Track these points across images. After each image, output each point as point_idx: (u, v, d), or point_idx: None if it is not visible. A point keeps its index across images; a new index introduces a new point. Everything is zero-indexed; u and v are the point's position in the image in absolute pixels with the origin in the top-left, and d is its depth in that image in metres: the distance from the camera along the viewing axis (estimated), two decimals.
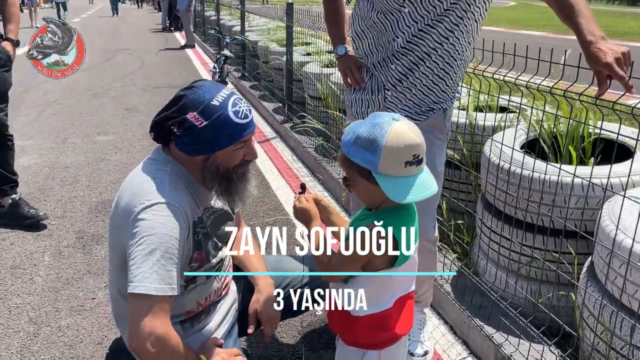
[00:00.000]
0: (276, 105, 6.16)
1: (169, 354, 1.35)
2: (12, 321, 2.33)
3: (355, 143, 1.26)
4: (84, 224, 3.27)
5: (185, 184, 1.49)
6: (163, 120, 1.45)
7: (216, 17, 11.26)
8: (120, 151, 4.76)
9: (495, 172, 2.19)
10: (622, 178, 1.92)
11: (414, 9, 1.76)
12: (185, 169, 1.50)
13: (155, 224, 1.36)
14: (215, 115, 1.41)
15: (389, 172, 1.24)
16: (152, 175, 1.45)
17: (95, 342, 2.20)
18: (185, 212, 1.43)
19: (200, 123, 1.40)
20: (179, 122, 1.42)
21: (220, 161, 1.46)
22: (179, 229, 1.39)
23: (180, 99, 1.44)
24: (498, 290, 2.26)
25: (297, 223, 3.38)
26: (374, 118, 1.27)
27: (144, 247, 1.34)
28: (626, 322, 1.59)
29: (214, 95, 1.43)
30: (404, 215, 1.32)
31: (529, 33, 17.07)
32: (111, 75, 8.76)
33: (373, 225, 1.29)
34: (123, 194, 1.46)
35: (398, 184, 1.24)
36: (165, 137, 1.49)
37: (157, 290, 1.33)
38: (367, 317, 1.37)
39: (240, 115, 1.44)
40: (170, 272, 1.36)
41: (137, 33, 16.03)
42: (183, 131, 1.42)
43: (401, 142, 1.22)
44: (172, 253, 1.37)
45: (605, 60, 1.36)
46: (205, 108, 1.41)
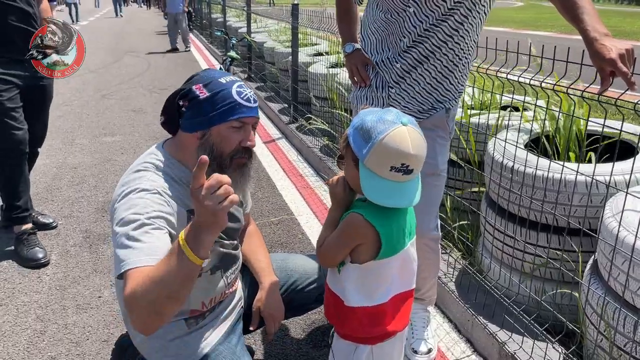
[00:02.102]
0: (282, 106, 6.18)
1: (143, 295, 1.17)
2: (20, 319, 2.36)
3: (357, 128, 1.28)
4: (91, 223, 3.30)
5: (175, 178, 1.46)
6: (175, 94, 1.50)
7: (223, 19, 11.30)
8: (127, 152, 4.80)
9: (498, 170, 2.19)
10: (625, 175, 1.92)
11: (418, 9, 1.77)
12: (179, 159, 1.49)
13: (130, 205, 1.32)
14: (219, 89, 1.45)
15: (373, 169, 1.25)
16: (139, 168, 1.46)
17: (102, 340, 2.22)
18: (172, 197, 1.40)
19: (202, 94, 1.44)
20: (185, 93, 1.47)
21: (215, 140, 1.44)
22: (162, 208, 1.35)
23: (192, 77, 1.52)
24: (502, 288, 2.26)
25: (300, 221, 3.40)
26: (386, 113, 1.28)
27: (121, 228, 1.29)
28: (629, 319, 1.59)
29: (223, 76, 1.49)
30: (389, 209, 1.32)
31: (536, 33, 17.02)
32: (119, 76, 8.82)
33: (354, 212, 1.33)
34: (117, 187, 1.47)
35: (374, 183, 1.26)
36: (173, 120, 1.50)
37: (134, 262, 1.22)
38: (360, 310, 1.38)
39: (243, 96, 1.46)
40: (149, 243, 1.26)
41: (144, 35, 16.13)
42: (188, 103, 1.46)
43: (394, 146, 1.22)
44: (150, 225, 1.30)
45: (609, 56, 1.36)
46: (211, 83, 1.46)
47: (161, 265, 1.18)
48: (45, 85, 2.89)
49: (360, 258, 1.35)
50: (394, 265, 1.38)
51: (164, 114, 1.54)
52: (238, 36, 8.55)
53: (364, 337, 1.41)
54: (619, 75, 1.36)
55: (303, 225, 3.38)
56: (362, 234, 1.32)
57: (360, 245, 1.33)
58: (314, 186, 4.08)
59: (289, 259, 1.97)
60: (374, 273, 1.36)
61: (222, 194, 1.14)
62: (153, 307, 1.17)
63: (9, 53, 2.65)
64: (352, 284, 1.38)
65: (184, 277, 1.17)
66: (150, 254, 1.24)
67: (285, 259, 1.96)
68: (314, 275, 1.93)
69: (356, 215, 1.32)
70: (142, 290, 1.16)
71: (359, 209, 1.34)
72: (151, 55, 11.42)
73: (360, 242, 1.33)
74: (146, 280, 1.17)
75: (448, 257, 2.60)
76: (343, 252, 1.36)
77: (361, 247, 1.33)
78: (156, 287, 1.16)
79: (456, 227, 2.72)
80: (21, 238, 2.88)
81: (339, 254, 1.36)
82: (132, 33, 16.85)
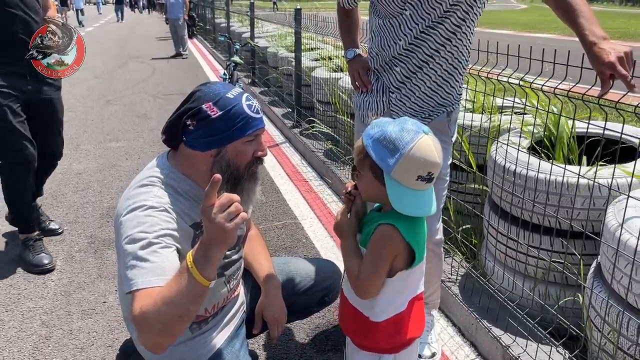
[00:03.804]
0: (285, 111, 6.20)
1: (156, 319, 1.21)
2: (25, 324, 2.37)
3: (379, 139, 1.26)
4: (96, 229, 3.32)
5: (181, 192, 1.47)
6: (181, 114, 1.45)
7: (226, 24, 11.36)
8: (132, 157, 4.82)
9: (501, 174, 2.19)
10: (627, 178, 1.91)
11: (414, 12, 1.78)
12: (186, 174, 1.49)
13: (138, 222, 1.34)
14: (230, 106, 1.42)
15: (399, 179, 1.25)
16: (145, 182, 1.45)
17: (106, 345, 2.23)
18: (178, 214, 1.41)
19: (214, 113, 1.42)
20: (194, 112, 1.43)
21: (230, 156, 1.46)
22: (169, 225, 1.36)
23: (195, 93, 1.47)
24: (505, 291, 2.25)
25: (304, 225, 3.41)
26: (406, 123, 1.27)
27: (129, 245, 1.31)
28: (633, 322, 1.58)
29: (228, 90, 1.46)
30: (413, 217, 1.32)
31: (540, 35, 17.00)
32: (123, 82, 8.87)
33: (382, 224, 1.31)
34: (120, 200, 1.47)
35: (403, 194, 1.26)
36: (176, 138, 1.48)
37: (143, 283, 1.26)
38: (385, 322, 1.38)
39: (253, 109, 1.46)
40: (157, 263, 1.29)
41: (148, 40, 16.22)
42: (197, 122, 1.42)
43: (422, 156, 1.23)
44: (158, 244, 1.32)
45: (608, 60, 1.37)
46: (221, 99, 1.43)
47: (171, 286, 1.21)
48: (52, 99, 2.83)
49: (393, 270, 1.34)
50: (417, 271, 1.39)
51: (166, 133, 1.52)
52: (242, 41, 8.59)
53: (389, 347, 1.41)
54: (618, 78, 1.37)
55: (307, 229, 3.38)
56: (397, 244, 1.30)
57: (395, 257, 1.32)
58: (317, 190, 4.09)
59: (290, 262, 1.98)
60: (403, 283, 1.37)
61: (234, 211, 1.17)
62: (165, 327, 1.20)
63: (13, 66, 2.59)
64: (383, 298, 1.36)
65: (194, 297, 1.20)
66: (158, 274, 1.26)
67: (286, 263, 1.97)
68: (316, 278, 1.93)
69: (387, 227, 1.30)
70: (154, 311, 1.19)
71: (385, 219, 1.32)
72: (155, 61, 11.47)
73: (397, 253, 1.32)
74: (157, 301, 1.20)
75: (451, 261, 2.60)
76: (385, 268, 1.32)
77: (396, 259, 1.32)
78: (168, 309, 1.19)
79: (459, 231, 2.71)
80: (27, 244, 2.87)
81: (383, 271, 1.32)
82: (136, 39, 16.93)
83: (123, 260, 1.31)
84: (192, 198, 1.49)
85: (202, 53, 13.11)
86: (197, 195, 1.50)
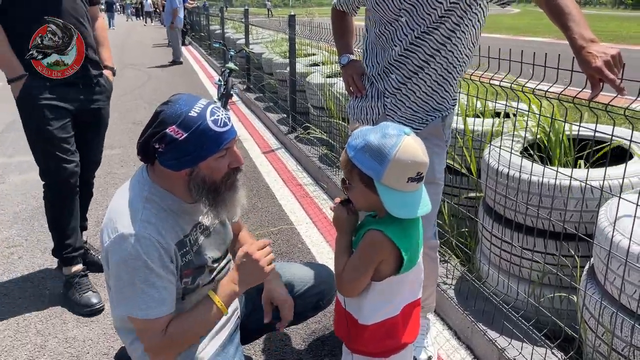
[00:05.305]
0: (280, 116, 6.21)
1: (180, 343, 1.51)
2: (20, 333, 2.36)
3: (363, 149, 1.27)
4: (91, 237, 3.31)
5: (164, 207, 1.48)
6: (148, 138, 1.44)
7: (221, 30, 11.38)
8: (127, 164, 4.82)
9: (494, 177, 2.20)
10: (619, 180, 1.93)
11: (410, 18, 1.80)
12: (166, 188, 1.49)
13: (126, 257, 1.40)
14: (195, 126, 1.39)
15: (391, 184, 1.25)
16: (128, 202, 1.46)
17: (102, 353, 2.23)
18: (158, 241, 1.42)
19: (180, 136, 1.39)
20: (159, 137, 1.41)
21: (205, 172, 1.45)
22: (151, 256, 1.41)
23: (158, 114, 1.44)
24: (500, 294, 2.26)
25: (300, 230, 3.41)
26: (386, 128, 1.28)
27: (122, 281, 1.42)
28: (626, 323, 1.59)
29: (191, 107, 1.42)
30: (405, 222, 1.33)
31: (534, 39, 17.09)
32: (120, 89, 8.86)
33: (372, 229, 1.32)
34: (106, 217, 1.49)
35: (396, 198, 1.26)
36: (150, 156, 1.47)
37: (144, 315, 1.43)
38: (374, 325, 1.38)
39: (220, 124, 1.43)
40: (153, 296, 1.42)
41: (144, 48, 16.22)
42: (165, 146, 1.41)
43: (409, 158, 1.24)
44: (149, 279, 1.41)
45: (595, 65, 1.38)
46: (184, 120, 1.40)
47: (197, 316, 1.52)
48: (101, 109, 2.71)
49: (381, 275, 1.34)
50: (410, 277, 1.39)
51: (141, 154, 1.51)
52: (236, 48, 8.61)
53: (379, 352, 1.41)
54: (606, 82, 1.38)
55: (302, 234, 3.38)
56: (384, 251, 1.31)
57: (381, 263, 1.33)
58: (313, 195, 4.10)
59: (284, 267, 1.98)
60: (392, 288, 1.37)
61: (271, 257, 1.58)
62: (185, 347, 1.54)
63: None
64: (369, 301, 1.37)
65: (214, 322, 1.58)
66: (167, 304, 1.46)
67: (280, 267, 1.97)
68: (310, 282, 1.94)
69: (376, 233, 1.31)
70: (180, 337, 1.49)
71: (376, 225, 1.33)
72: (151, 68, 11.47)
73: (383, 258, 1.32)
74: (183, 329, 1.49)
75: (447, 265, 2.60)
76: (369, 272, 1.33)
77: (382, 264, 1.33)
78: (193, 335, 1.53)
79: (454, 235, 2.72)
80: (72, 281, 2.64)
81: (365, 275, 1.33)
82: (132, 46, 16.94)
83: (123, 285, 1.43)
84: (175, 212, 1.51)
85: (197, 59, 13.13)
86: (180, 208, 1.52)
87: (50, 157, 2.49)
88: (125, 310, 1.44)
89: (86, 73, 2.56)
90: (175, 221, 1.50)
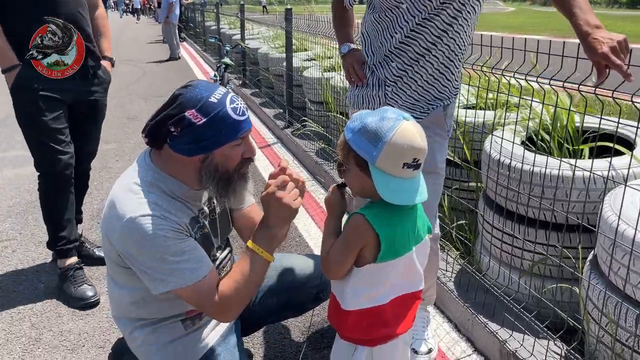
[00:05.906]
0: (277, 111, 6.18)
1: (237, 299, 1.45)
2: (15, 327, 2.33)
3: (359, 131, 1.25)
4: (86, 230, 3.27)
5: (168, 192, 1.46)
6: (163, 120, 1.41)
7: (216, 26, 11.34)
8: (122, 159, 4.78)
9: (495, 168, 2.18)
10: (623, 170, 1.91)
11: (411, 4, 1.77)
12: (172, 174, 1.47)
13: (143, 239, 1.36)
14: (214, 112, 1.37)
15: (385, 168, 1.23)
16: (131, 188, 1.43)
17: (97, 346, 2.20)
18: (169, 218, 1.40)
19: (199, 120, 1.37)
20: (177, 120, 1.38)
21: (218, 160, 1.43)
22: (166, 231, 1.38)
23: (177, 97, 1.41)
24: (501, 286, 2.24)
25: (297, 225, 3.38)
26: (385, 112, 1.26)
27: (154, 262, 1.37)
28: (631, 313, 1.58)
29: (211, 93, 1.40)
30: (396, 211, 1.30)
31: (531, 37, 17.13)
32: (116, 84, 8.77)
33: (357, 213, 1.30)
34: (109, 204, 1.45)
35: (391, 183, 1.24)
36: (160, 140, 1.45)
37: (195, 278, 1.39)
38: (357, 312, 1.35)
39: (239, 112, 1.42)
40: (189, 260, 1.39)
41: (139, 44, 16.14)
42: (181, 130, 1.38)
43: (405, 143, 1.21)
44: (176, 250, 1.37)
45: (601, 51, 1.36)
46: (204, 105, 1.37)
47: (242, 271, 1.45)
48: (97, 100, 2.65)
49: (362, 260, 1.32)
50: (396, 268, 1.34)
51: (149, 137, 1.48)
52: (232, 43, 8.57)
53: (363, 339, 1.39)
54: (613, 68, 1.36)
55: (301, 229, 3.36)
56: (364, 235, 1.29)
57: (364, 248, 1.31)
58: (310, 190, 4.07)
59: (284, 258, 1.95)
60: (373, 276, 1.33)
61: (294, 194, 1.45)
62: (246, 300, 1.48)
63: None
64: (350, 287, 1.34)
65: (263, 272, 1.49)
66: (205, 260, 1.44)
67: (280, 259, 1.94)
68: (310, 273, 1.90)
69: (359, 216, 1.29)
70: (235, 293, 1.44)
71: (362, 209, 1.31)
72: (146, 64, 11.42)
73: (366, 243, 1.30)
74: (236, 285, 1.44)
75: (447, 257, 2.58)
76: (351, 256, 1.31)
77: (365, 250, 1.31)
78: (246, 289, 1.45)
79: (454, 227, 2.70)
80: (67, 274, 2.59)
81: (348, 258, 1.32)
82: (126, 42, 16.84)
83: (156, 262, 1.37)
84: (179, 197, 1.48)
85: (192, 55, 13.07)
86: (187, 195, 1.50)
87: (44, 147, 2.45)
88: (174, 285, 1.38)
89: (84, 64, 2.53)
90: (182, 208, 1.47)
